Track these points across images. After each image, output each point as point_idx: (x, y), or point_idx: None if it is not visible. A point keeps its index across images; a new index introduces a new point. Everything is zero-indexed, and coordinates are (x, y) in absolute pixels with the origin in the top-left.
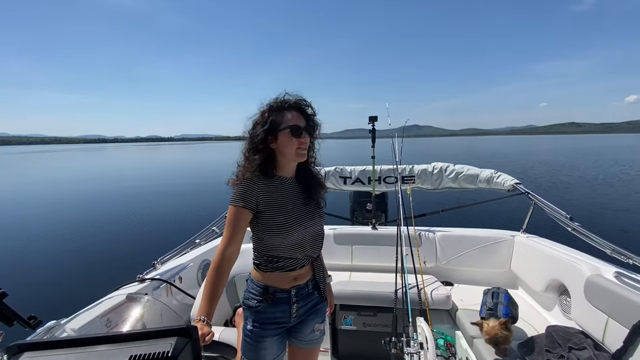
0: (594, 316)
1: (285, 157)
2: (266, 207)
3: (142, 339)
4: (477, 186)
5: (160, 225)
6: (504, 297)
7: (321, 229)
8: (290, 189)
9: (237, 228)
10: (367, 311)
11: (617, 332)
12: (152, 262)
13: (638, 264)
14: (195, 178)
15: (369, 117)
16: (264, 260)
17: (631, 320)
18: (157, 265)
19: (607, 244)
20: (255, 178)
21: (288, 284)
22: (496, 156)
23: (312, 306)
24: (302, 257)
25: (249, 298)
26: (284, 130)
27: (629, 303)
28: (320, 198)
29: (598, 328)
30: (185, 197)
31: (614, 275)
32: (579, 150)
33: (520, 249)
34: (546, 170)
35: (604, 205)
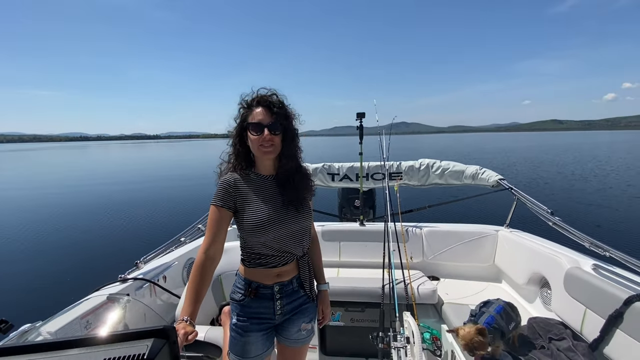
0: (573, 307)
1: (257, 154)
2: (243, 206)
3: (118, 341)
4: (462, 182)
5: (144, 224)
6: (496, 308)
7: (303, 227)
8: (268, 187)
9: (218, 227)
10: (355, 307)
11: (594, 323)
12: (135, 261)
13: (614, 257)
14: (181, 176)
15: (357, 114)
16: (247, 256)
17: (607, 310)
18: (140, 265)
19: (586, 237)
20: (232, 177)
21: (271, 280)
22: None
23: (299, 305)
24: (284, 254)
25: (235, 292)
26: (248, 127)
27: (605, 294)
28: (304, 196)
29: (577, 319)
30: (171, 195)
31: (591, 267)
32: (560, 147)
33: (504, 244)
34: (528, 166)
35: (580, 199)
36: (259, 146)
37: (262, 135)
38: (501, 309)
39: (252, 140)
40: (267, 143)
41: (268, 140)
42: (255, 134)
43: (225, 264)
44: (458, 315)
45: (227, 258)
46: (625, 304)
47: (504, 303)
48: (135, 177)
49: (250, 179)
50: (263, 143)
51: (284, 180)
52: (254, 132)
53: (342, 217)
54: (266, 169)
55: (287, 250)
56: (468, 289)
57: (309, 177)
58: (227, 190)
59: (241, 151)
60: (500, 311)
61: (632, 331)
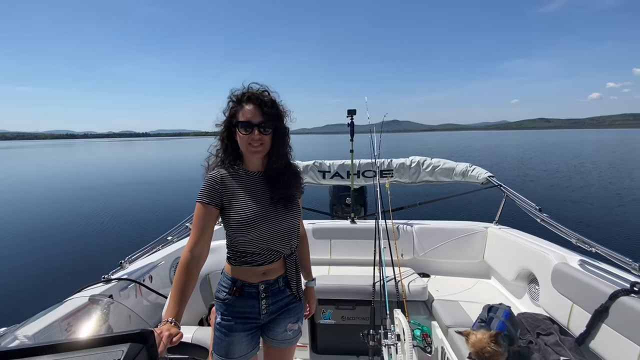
0: (560, 303)
1: (245, 153)
2: (229, 203)
3: (92, 346)
4: (452, 179)
5: (131, 223)
6: (504, 313)
7: (291, 226)
8: (256, 184)
9: (204, 225)
10: (346, 305)
11: (581, 318)
12: (120, 261)
13: (600, 252)
14: (170, 174)
15: (348, 111)
16: (232, 254)
17: (594, 305)
18: (125, 265)
19: (573, 234)
20: (219, 173)
21: (256, 278)
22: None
23: (285, 305)
24: (270, 253)
25: (220, 290)
26: (237, 124)
27: (591, 290)
28: (292, 193)
29: (564, 314)
30: (158, 193)
31: (578, 263)
32: (548, 145)
33: (493, 240)
34: (515, 164)
35: (565, 196)
36: (248, 145)
37: (252, 134)
38: (508, 314)
39: (240, 138)
40: (256, 142)
41: (257, 140)
42: (245, 133)
43: (214, 263)
44: (448, 311)
45: (215, 257)
46: (611, 299)
47: (507, 307)
48: (122, 175)
49: (238, 175)
50: (252, 142)
51: (272, 178)
52: (243, 131)
53: (334, 215)
54: (254, 165)
55: (274, 248)
56: (458, 285)
57: (298, 175)
58: (214, 186)
59: (229, 146)
60: (507, 316)
61: (617, 325)
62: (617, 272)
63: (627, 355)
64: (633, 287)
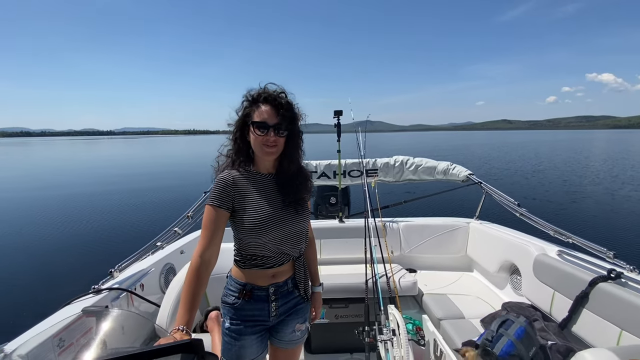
0: (542, 291)
1: (257, 154)
2: (241, 206)
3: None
4: (434, 177)
5: (116, 229)
6: (517, 331)
7: (301, 229)
8: (267, 186)
9: (215, 229)
10: (339, 303)
11: (562, 304)
12: (109, 270)
13: (576, 243)
14: (150, 176)
15: (334, 112)
16: (241, 257)
17: (574, 292)
18: (115, 273)
19: (550, 226)
20: (230, 175)
21: (266, 281)
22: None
23: (293, 306)
24: (280, 255)
25: (227, 295)
26: (252, 124)
27: (571, 277)
28: (303, 197)
29: (546, 301)
30: (141, 197)
31: (557, 253)
32: (510, 145)
33: (475, 235)
34: (479, 162)
35: (525, 194)
36: (262, 145)
37: (267, 135)
38: (523, 332)
39: (255, 138)
40: (271, 144)
41: (272, 142)
42: (260, 134)
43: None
44: (438, 304)
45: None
46: (590, 285)
47: (525, 323)
48: (96, 178)
49: (250, 176)
50: (267, 143)
51: (284, 180)
52: (259, 131)
53: (318, 215)
54: (266, 167)
55: (284, 251)
56: (444, 279)
57: (309, 178)
58: (225, 189)
59: (241, 147)
60: (521, 335)
61: (597, 309)
62: (594, 260)
63: (608, 336)
64: (610, 274)
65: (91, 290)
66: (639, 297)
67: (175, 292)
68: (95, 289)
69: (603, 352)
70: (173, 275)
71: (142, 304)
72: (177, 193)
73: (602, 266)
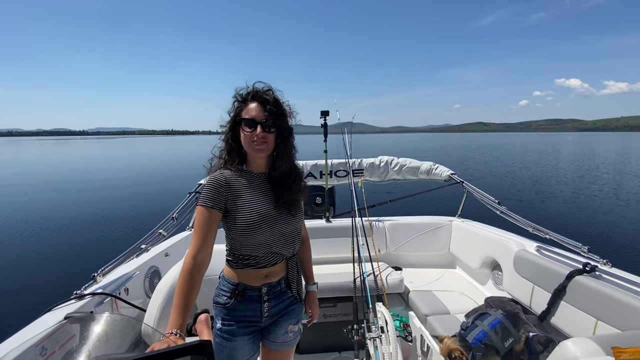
0: (523, 285)
1: (248, 152)
2: (234, 206)
3: None
4: (418, 177)
5: (98, 232)
6: (492, 322)
7: (295, 229)
8: (261, 186)
9: (208, 230)
10: (327, 303)
11: (541, 297)
12: (92, 274)
13: (553, 238)
14: (130, 177)
15: (321, 112)
16: (234, 257)
17: (552, 285)
18: (98, 278)
19: (529, 223)
20: (222, 175)
21: (259, 281)
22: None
23: (286, 306)
24: (273, 255)
25: (219, 295)
26: (242, 122)
27: (549, 271)
28: (296, 196)
29: (526, 295)
30: (123, 198)
31: (535, 249)
32: (486, 146)
33: (458, 232)
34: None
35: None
36: (251, 142)
37: (255, 131)
38: (497, 323)
39: (244, 136)
40: (260, 140)
41: (261, 138)
42: (248, 130)
43: None
44: (424, 301)
45: None
46: (567, 278)
47: (502, 316)
48: (74, 180)
49: (243, 176)
50: (255, 140)
51: (277, 180)
52: (247, 128)
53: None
54: (258, 167)
55: (277, 251)
56: (428, 276)
57: (302, 178)
58: (218, 189)
59: (234, 146)
60: (495, 326)
61: (574, 301)
62: (570, 255)
63: (585, 326)
64: (585, 267)
65: (73, 295)
66: (612, 288)
67: (162, 295)
68: (78, 294)
69: (585, 341)
70: (158, 278)
71: (127, 309)
72: (160, 194)
73: (578, 260)
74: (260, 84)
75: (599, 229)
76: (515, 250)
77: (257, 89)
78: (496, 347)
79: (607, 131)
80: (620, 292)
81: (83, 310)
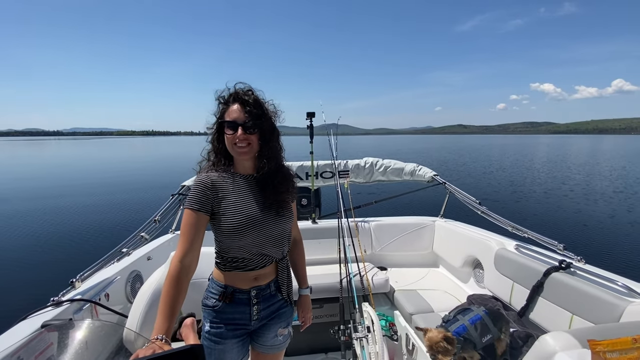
0: (503, 282)
1: (232, 154)
2: (221, 208)
3: None
4: (402, 178)
5: (77, 236)
6: (472, 317)
7: (283, 231)
8: (247, 187)
9: (195, 233)
10: (313, 304)
11: (521, 294)
12: (70, 280)
13: (531, 237)
14: (110, 179)
15: (307, 113)
16: (222, 259)
17: (531, 282)
18: (77, 284)
19: (508, 222)
20: (209, 177)
21: (248, 284)
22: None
23: (276, 310)
24: (262, 257)
25: (208, 297)
26: (225, 124)
27: (528, 269)
28: (284, 198)
29: (506, 292)
30: (103, 201)
31: (514, 247)
32: (465, 148)
33: (440, 232)
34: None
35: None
36: (233, 145)
37: (236, 133)
38: (477, 319)
39: (227, 138)
40: (242, 142)
41: (243, 140)
42: (230, 133)
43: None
44: (409, 300)
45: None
46: (545, 275)
47: (483, 312)
48: (50, 182)
49: (229, 178)
50: (237, 142)
51: (263, 181)
52: (229, 131)
53: None
54: (245, 168)
55: (266, 253)
56: (412, 275)
57: (290, 178)
58: (204, 192)
59: (220, 148)
60: (475, 321)
61: (551, 297)
62: (547, 252)
63: (561, 321)
64: (561, 264)
65: (50, 302)
66: (586, 284)
67: (144, 300)
68: (55, 301)
69: (563, 335)
70: (140, 283)
71: (107, 315)
72: (142, 196)
73: (554, 257)
74: (241, 84)
75: (571, 227)
76: (495, 249)
77: (238, 90)
78: (474, 342)
79: (579, 134)
80: (593, 287)
81: (61, 318)
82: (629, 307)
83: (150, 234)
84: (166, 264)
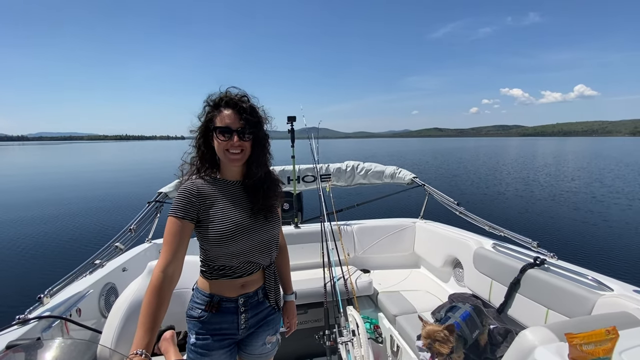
0: (482, 281)
1: (223, 160)
2: (207, 216)
3: None
4: (383, 181)
5: (45, 248)
6: (463, 314)
7: (271, 237)
8: (234, 194)
9: (179, 242)
10: (298, 310)
11: (499, 291)
12: (38, 295)
13: (507, 236)
14: (81, 186)
15: (288, 117)
16: (208, 267)
17: (508, 279)
18: (45, 299)
19: (485, 222)
20: (194, 184)
21: (235, 292)
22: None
23: (264, 317)
24: (249, 264)
25: (193, 308)
26: (215, 130)
27: (505, 267)
28: (273, 203)
29: (485, 290)
30: (74, 210)
31: (492, 246)
32: (440, 151)
33: (421, 233)
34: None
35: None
36: (226, 151)
37: (231, 140)
38: (467, 315)
39: (218, 144)
40: (237, 149)
41: (237, 147)
42: (224, 139)
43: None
44: (393, 302)
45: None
46: (521, 272)
47: (470, 309)
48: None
49: (215, 184)
50: (230, 149)
51: (252, 187)
52: (222, 137)
53: None
54: (232, 174)
55: (253, 260)
56: (395, 277)
57: (277, 184)
58: (189, 199)
59: (206, 153)
60: (466, 318)
61: (527, 293)
62: (522, 250)
63: (537, 315)
64: (535, 261)
65: (16, 320)
66: (559, 279)
67: (120, 314)
68: (21, 319)
69: (541, 329)
70: (115, 296)
71: (80, 332)
72: (116, 205)
73: (529, 255)
74: (234, 89)
75: (542, 225)
76: (474, 248)
77: (232, 95)
78: (466, 338)
79: (545, 136)
80: (566, 282)
81: (28, 337)
82: (600, 300)
83: (126, 244)
84: (143, 275)
